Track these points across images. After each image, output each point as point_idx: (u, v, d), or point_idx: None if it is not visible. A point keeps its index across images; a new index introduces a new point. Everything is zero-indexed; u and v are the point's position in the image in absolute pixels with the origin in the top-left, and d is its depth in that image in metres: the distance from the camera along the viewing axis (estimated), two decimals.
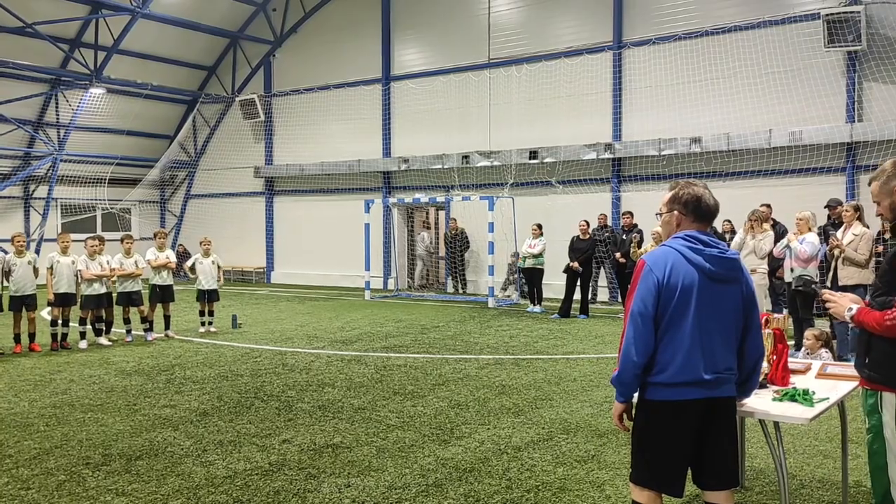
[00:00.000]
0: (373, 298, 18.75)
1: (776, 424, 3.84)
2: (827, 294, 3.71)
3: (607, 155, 17.71)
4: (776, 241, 10.90)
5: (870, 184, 3.70)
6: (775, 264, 11.33)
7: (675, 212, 3.57)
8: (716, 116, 16.38)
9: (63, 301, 11.47)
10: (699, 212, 3.52)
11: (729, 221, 14.24)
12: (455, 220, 20.15)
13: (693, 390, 3.37)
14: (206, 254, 13.31)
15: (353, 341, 11.98)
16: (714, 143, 16.22)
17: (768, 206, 12.64)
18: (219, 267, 13.49)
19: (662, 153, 16.94)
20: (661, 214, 3.67)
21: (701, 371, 3.36)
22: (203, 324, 13.25)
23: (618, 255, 15.05)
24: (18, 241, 11.42)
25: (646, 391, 3.49)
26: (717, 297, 3.41)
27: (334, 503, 4.97)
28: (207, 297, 13.22)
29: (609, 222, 17.12)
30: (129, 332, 12.25)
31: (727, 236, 13.73)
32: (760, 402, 3.92)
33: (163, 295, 12.54)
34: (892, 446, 3.51)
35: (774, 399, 3.95)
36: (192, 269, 13.48)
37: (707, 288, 3.39)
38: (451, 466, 5.68)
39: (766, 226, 11.42)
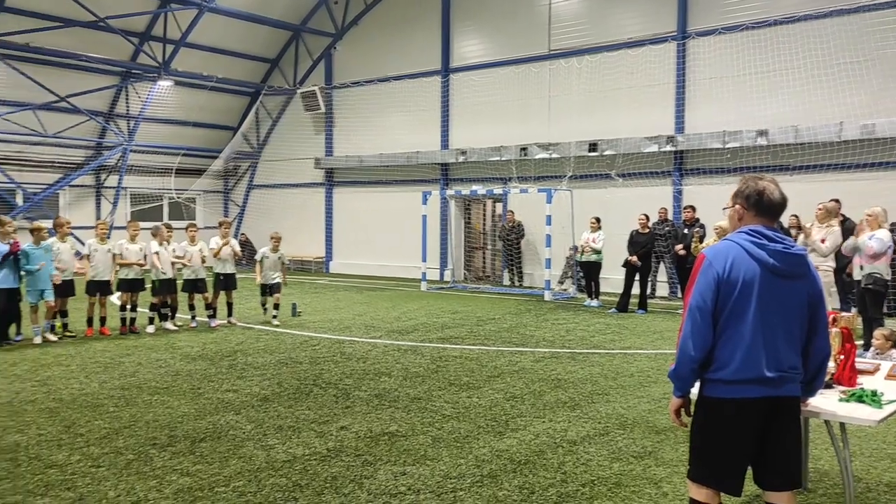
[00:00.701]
0: (429, 289, 18.86)
1: (842, 426, 3.74)
2: None
3: (669, 147, 17.39)
4: (845, 237, 10.55)
5: None
6: (844, 261, 10.98)
7: (738, 206, 3.50)
8: (783, 108, 15.90)
9: (131, 287, 11.87)
10: (761, 206, 3.44)
11: (796, 216, 13.83)
12: (512, 212, 20.09)
13: (754, 388, 3.31)
14: (275, 249, 13.03)
15: (410, 331, 12.08)
16: (781, 136, 15.75)
17: (837, 201, 12.22)
18: (283, 264, 13.21)
19: (727, 146, 16.54)
20: (726, 209, 3.61)
21: (763, 368, 3.29)
22: (265, 312, 13.28)
23: (678, 247, 14.77)
24: (101, 229, 11.90)
25: (706, 387, 3.45)
26: (780, 293, 3.33)
27: (390, 490, 5.04)
28: (270, 291, 12.99)
29: (670, 216, 16.82)
30: (193, 318, 12.61)
31: (793, 232, 13.35)
32: (826, 402, 3.83)
33: (226, 283, 12.85)
34: None
35: (841, 400, 3.84)
36: (261, 262, 13.04)
37: (770, 284, 3.32)
38: (506, 458, 5.70)
39: (834, 221, 11.06)
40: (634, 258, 14.63)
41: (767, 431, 3.37)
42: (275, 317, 12.86)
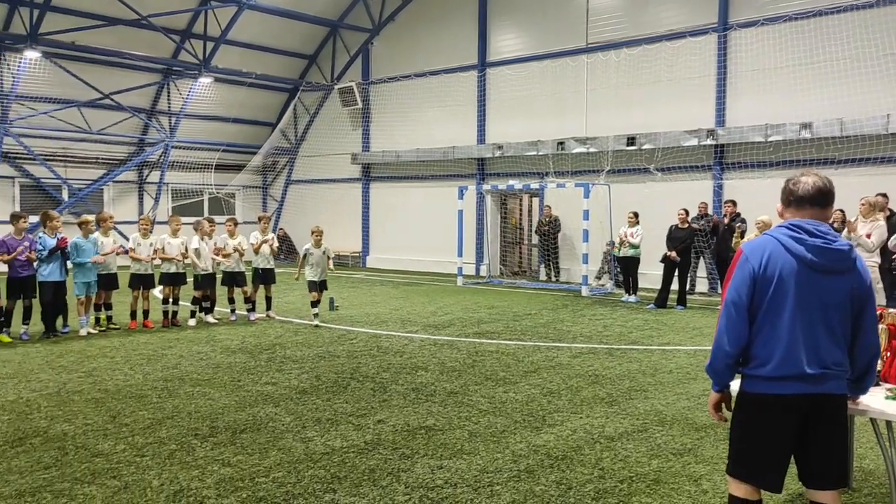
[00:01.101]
0: (465, 284, 18.87)
1: (888, 424, 3.66)
2: None
3: (709, 141, 17.13)
4: (892, 232, 10.29)
5: None
6: (891, 257, 10.71)
7: (780, 203, 3.48)
8: (828, 101, 15.55)
9: (173, 280, 12.09)
10: (793, 200, 3.41)
11: (841, 211, 13.51)
12: (549, 207, 19.98)
13: (794, 385, 3.27)
14: (317, 244, 12.30)
15: (446, 326, 12.11)
16: (826, 129, 15.41)
17: (884, 195, 11.90)
18: (329, 258, 12.56)
19: (769, 139, 16.23)
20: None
21: (804, 365, 3.25)
22: (315, 315, 12.23)
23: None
24: (144, 224, 12.13)
25: (745, 383, 3.43)
26: (821, 289, 3.27)
27: (427, 483, 5.06)
28: (318, 287, 12.17)
29: (710, 211, 16.58)
30: (233, 311, 12.79)
31: (835, 226, 13.05)
32: (872, 400, 3.74)
33: (264, 277, 13.00)
34: None
35: (888, 398, 3.76)
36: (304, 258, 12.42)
37: (809, 279, 3.26)
38: (543, 453, 5.68)
39: (879, 216, 10.79)
40: (673, 253, 14.46)
41: (809, 429, 3.32)
42: (316, 315, 12.21)
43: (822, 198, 3.36)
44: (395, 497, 4.82)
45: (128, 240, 12.36)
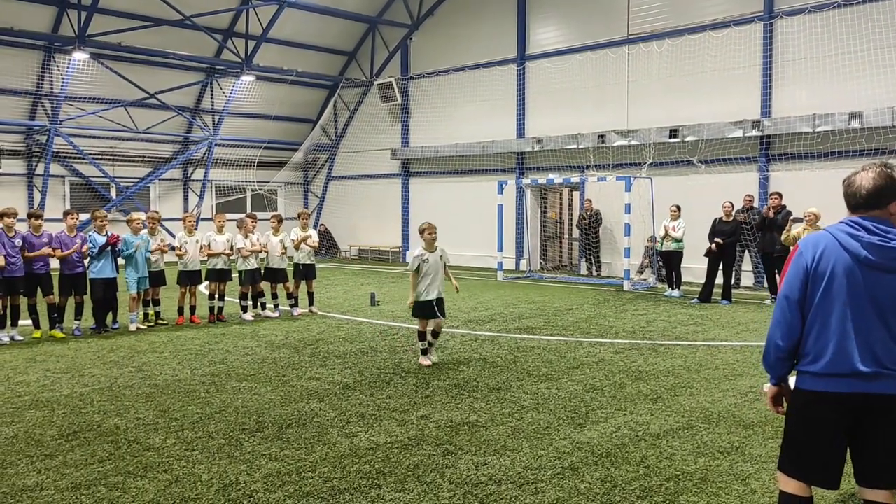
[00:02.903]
0: (505, 279, 18.83)
1: None
2: None
3: (755, 132, 16.80)
4: None
5: None
6: None
7: None
8: (879, 89, 15.12)
9: (219, 276, 12.30)
10: (847, 198, 3.36)
11: None
12: (590, 200, 19.82)
13: (846, 382, 3.22)
14: (431, 247, 8.98)
15: (487, 321, 12.10)
16: (877, 119, 14.98)
17: None
18: (446, 265, 9.20)
19: (817, 130, 15.86)
20: None
21: (857, 363, 3.19)
22: (430, 347, 9.11)
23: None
24: (189, 221, 12.36)
25: (798, 379, 3.41)
26: (878, 287, 3.20)
27: (471, 480, 5.08)
28: (438, 309, 8.87)
29: (756, 203, 16.27)
30: (276, 307, 12.96)
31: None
32: None
33: (305, 273, 13.13)
34: None
35: None
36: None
37: (864, 276, 3.20)
38: (587, 450, 5.66)
39: None
40: (718, 241, 14.16)
41: (864, 428, 3.26)
42: (431, 345, 8.97)
43: (875, 199, 3.27)
44: (439, 493, 4.85)
45: (174, 237, 12.60)
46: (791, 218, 12.69)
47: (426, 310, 8.77)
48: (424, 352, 8.87)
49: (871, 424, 3.25)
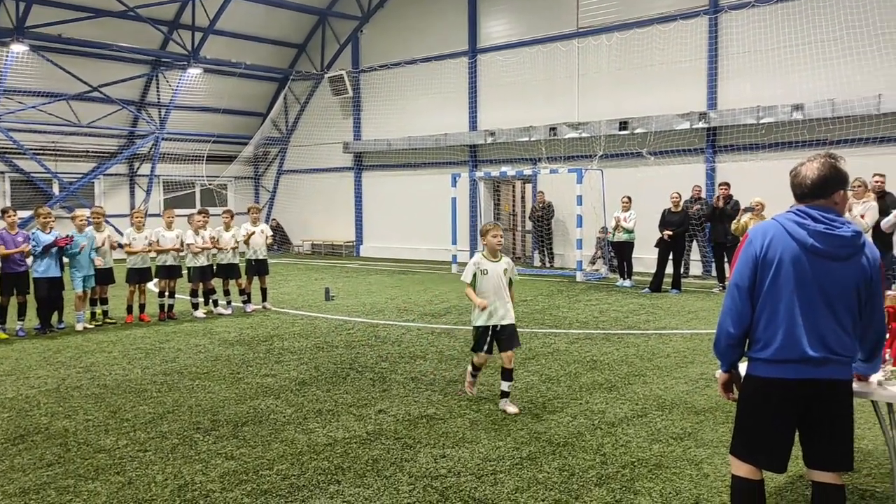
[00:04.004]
0: (460, 272, 18.83)
1: (889, 406, 3.69)
2: None
3: (702, 124, 17.14)
4: (886, 212, 10.33)
5: None
6: (887, 238, 10.76)
7: None
8: (819, 82, 15.58)
9: (169, 273, 12.07)
10: (793, 187, 3.46)
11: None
12: (542, 193, 19.99)
13: (796, 368, 3.30)
14: (494, 254, 6.79)
15: (443, 314, 12.13)
16: (817, 110, 15.43)
17: (882, 176, 11.88)
18: (511, 281, 7.03)
19: (761, 121, 16.26)
20: None
21: (806, 348, 3.28)
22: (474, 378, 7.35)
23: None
24: (137, 218, 12.07)
25: (749, 366, 3.49)
26: (825, 274, 3.29)
27: (431, 473, 5.09)
28: (499, 337, 6.90)
29: (703, 194, 16.62)
30: (228, 303, 12.77)
31: None
32: (874, 381, 3.77)
33: (258, 268, 12.96)
34: None
35: (888, 379, 3.78)
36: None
37: (811, 264, 3.29)
38: (545, 440, 5.72)
39: (871, 196, 10.83)
40: (668, 232, 14.44)
41: (813, 412, 3.36)
42: (505, 394, 6.62)
43: (820, 189, 3.35)
44: (399, 487, 4.85)
45: (122, 234, 12.31)
46: (742, 208, 13.00)
47: (478, 338, 6.62)
48: (473, 383, 6.98)
49: (819, 409, 3.34)
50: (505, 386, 6.55)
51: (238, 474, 5.11)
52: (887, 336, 4.16)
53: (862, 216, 10.48)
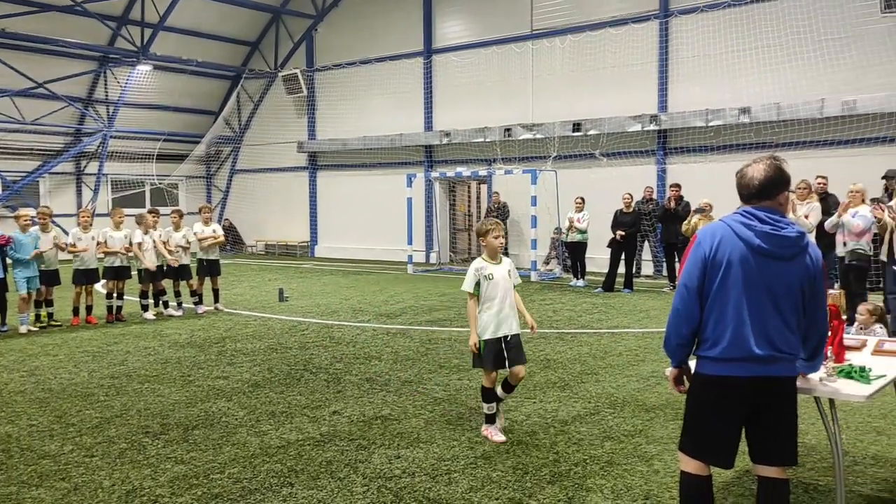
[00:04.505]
0: (415, 272, 18.87)
1: (831, 402, 3.81)
2: None
3: (653, 127, 17.44)
4: (828, 213, 10.63)
5: None
6: (829, 238, 11.08)
7: None
8: (765, 86, 15.99)
9: (117, 275, 11.80)
10: (739, 189, 3.52)
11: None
12: (497, 193, 20.09)
13: (743, 366, 3.37)
14: (494, 256, 6.04)
15: (398, 315, 12.10)
16: (763, 114, 15.84)
17: (825, 178, 12.22)
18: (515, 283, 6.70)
19: (710, 124, 16.62)
20: None
21: (752, 347, 3.34)
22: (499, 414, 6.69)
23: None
24: (84, 217, 11.76)
25: (698, 364, 3.55)
26: (770, 274, 3.36)
27: (385, 473, 5.07)
28: (513, 354, 6.31)
29: (655, 195, 16.90)
30: (179, 305, 12.55)
31: None
32: (815, 378, 3.89)
33: (210, 269, 12.76)
34: None
35: (830, 376, 3.90)
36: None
37: (758, 265, 3.35)
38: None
39: (814, 197, 11.16)
40: (621, 232, 14.65)
41: (759, 409, 3.43)
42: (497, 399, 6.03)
43: (766, 190, 3.42)
44: (353, 488, 4.82)
45: (67, 234, 11.98)
46: (693, 209, 13.27)
47: (495, 353, 5.73)
48: (491, 419, 5.86)
49: (765, 406, 3.42)
50: (502, 394, 5.91)
51: (188, 478, 5.02)
52: (829, 334, 4.29)
53: (806, 216, 10.77)
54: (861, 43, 14.93)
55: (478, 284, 5.80)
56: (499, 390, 5.90)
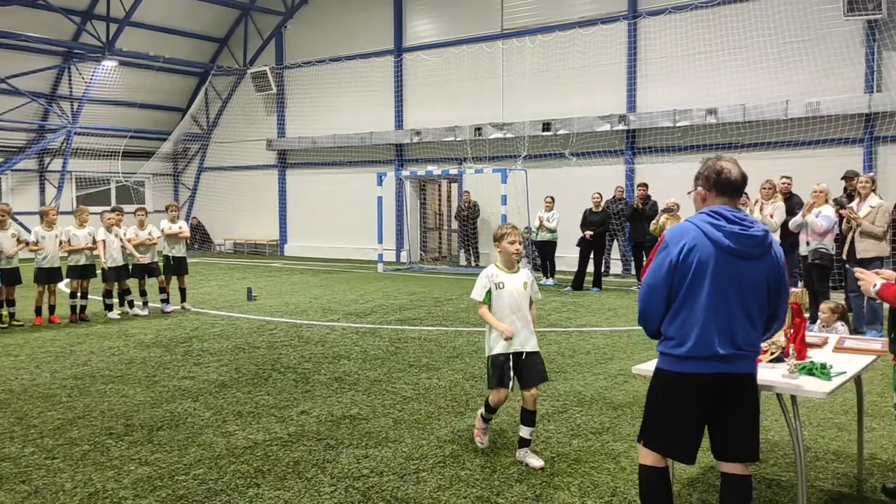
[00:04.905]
0: (386, 271, 18.82)
1: (793, 398, 3.86)
2: (858, 273, 3.83)
3: (621, 126, 17.58)
4: (792, 213, 10.82)
5: None
6: (793, 238, 11.26)
7: (700, 188, 3.59)
8: (732, 87, 16.20)
9: (81, 273, 11.60)
10: (720, 186, 3.51)
11: (745, 194, 14.06)
12: (468, 192, 20.12)
13: (707, 364, 3.41)
14: (510, 264, 5.52)
15: (368, 314, 12.06)
16: (730, 115, 16.05)
17: (789, 178, 12.40)
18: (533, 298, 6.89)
19: (677, 125, 16.80)
20: (690, 193, 3.71)
21: (716, 346, 3.39)
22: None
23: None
24: (50, 215, 11.52)
25: (661, 360, 3.57)
26: (737, 273, 3.40)
27: (353, 473, 5.05)
28: (530, 375, 6.07)
29: (624, 195, 17.04)
30: (145, 304, 12.37)
31: (741, 208, 13.60)
32: (778, 375, 3.94)
33: (177, 267, 12.60)
34: None
35: (792, 372, 3.96)
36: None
37: (727, 264, 3.39)
38: (468, 438, 5.74)
39: (778, 196, 11.34)
40: (590, 232, 14.76)
41: (721, 406, 3.48)
42: (525, 442, 5.31)
43: (742, 186, 3.53)
44: (320, 489, 4.79)
45: (30, 232, 11.75)
46: (661, 209, 13.39)
47: (500, 370, 5.24)
48: (487, 419, 5.48)
49: (727, 403, 3.46)
50: (526, 432, 5.22)
51: (152, 480, 4.95)
52: (791, 331, 4.36)
53: (771, 216, 10.95)
54: (824, 45, 15.20)
55: (489, 293, 5.28)
56: (522, 431, 5.22)
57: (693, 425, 3.50)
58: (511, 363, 5.20)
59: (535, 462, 5.13)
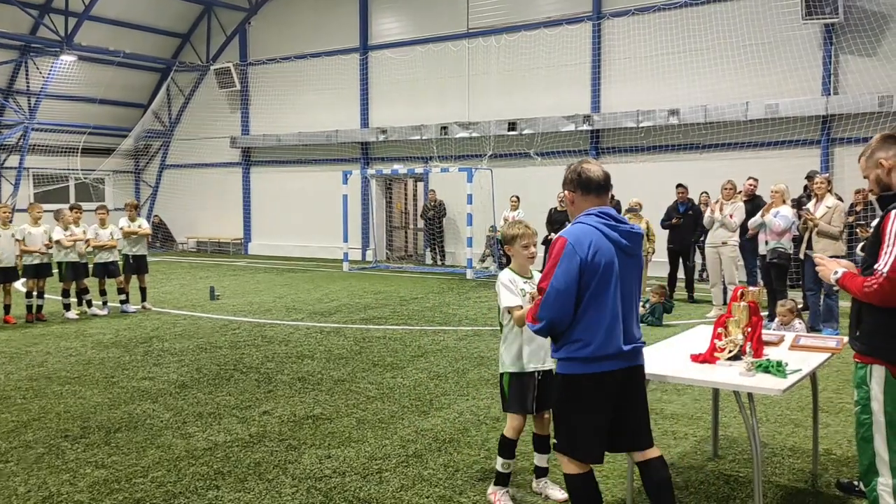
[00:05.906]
0: (351, 270, 18.73)
1: (750, 395, 3.92)
2: (818, 258, 3.94)
3: (586, 127, 17.72)
4: (753, 213, 10.99)
5: (859, 160, 3.91)
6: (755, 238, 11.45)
7: (567, 192, 3.70)
8: (693, 88, 16.42)
9: (38, 273, 11.35)
10: (584, 185, 3.62)
11: (706, 193, 14.32)
12: (434, 191, 20.11)
13: (614, 362, 3.51)
14: (525, 271, 5.02)
15: (332, 313, 11.99)
16: (691, 116, 16.27)
17: (755, 180, 12.52)
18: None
19: (641, 125, 16.98)
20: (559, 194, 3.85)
21: (621, 343, 3.51)
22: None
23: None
24: (4, 213, 11.24)
25: (566, 366, 3.56)
26: (629, 270, 3.59)
27: (315, 474, 5.01)
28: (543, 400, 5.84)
29: None
30: (105, 304, 12.14)
31: (702, 208, 13.80)
32: (735, 373, 4.00)
33: (137, 266, 12.40)
34: (878, 419, 3.64)
35: (749, 370, 4.01)
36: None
37: (622, 263, 3.54)
38: (431, 437, 5.74)
39: (739, 197, 11.53)
40: (554, 235, 14.87)
41: (624, 399, 3.59)
42: (542, 471, 4.81)
43: (606, 184, 3.64)
44: (281, 490, 4.75)
45: None
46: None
47: (524, 391, 4.54)
48: (503, 479, 4.58)
49: (629, 394, 3.60)
50: (542, 461, 4.66)
51: (109, 483, 4.86)
52: (748, 329, 4.42)
53: (731, 216, 11.13)
54: (783, 48, 15.49)
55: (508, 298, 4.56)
56: (538, 460, 4.68)
57: (604, 425, 3.58)
58: (535, 381, 4.50)
59: (558, 494, 4.57)
